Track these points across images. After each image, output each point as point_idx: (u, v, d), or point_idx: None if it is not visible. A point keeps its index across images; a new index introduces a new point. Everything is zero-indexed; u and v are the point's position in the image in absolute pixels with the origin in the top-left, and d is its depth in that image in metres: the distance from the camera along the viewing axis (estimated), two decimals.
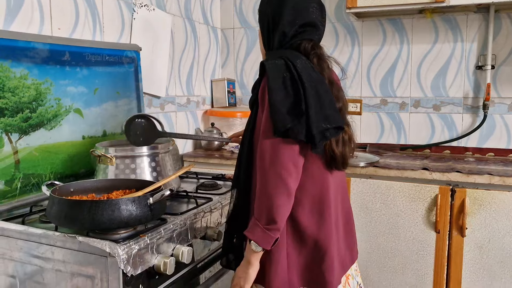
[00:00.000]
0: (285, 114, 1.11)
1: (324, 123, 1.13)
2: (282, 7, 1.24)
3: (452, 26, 2.46)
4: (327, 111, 1.14)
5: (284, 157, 1.12)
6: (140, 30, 2.16)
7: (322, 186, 1.23)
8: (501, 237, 1.93)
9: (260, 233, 1.14)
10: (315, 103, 1.12)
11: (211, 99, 2.93)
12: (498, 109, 2.42)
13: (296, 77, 1.13)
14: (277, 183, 1.12)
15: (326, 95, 1.16)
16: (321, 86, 1.16)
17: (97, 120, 1.84)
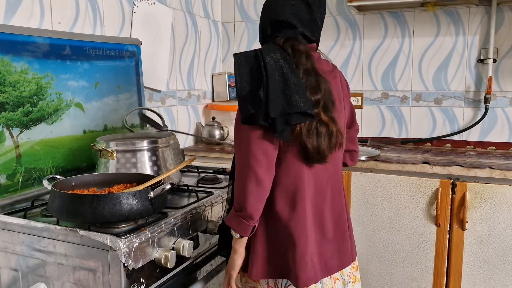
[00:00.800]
0: (246, 101, 1.12)
1: (286, 108, 1.11)
2: (265, 5, 1.29)
3: (454, 19, 2.45)
4: (292, 97, 1.12)
5: (253, 146, 1.13)
6: (140, 24, 2.15)
7: (297, 178, 1.21)
8: (502, 231, 1.93)
9: (234, 220, 1.18)
10: (277, 90, 1.11)
11: (212, 93, 2.93)
12: (499, 103, 2.41)
13: (262, 66, 1.12)
14: (246, 171, 1.14)
15: (295, 83, 1.14)
16: (291, 74, 1.14)
17: (98, 114, 1.84)
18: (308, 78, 1.18)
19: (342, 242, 1.32)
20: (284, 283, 1.24)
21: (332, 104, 1.21)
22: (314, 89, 1.18)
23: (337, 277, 1.31)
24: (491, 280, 1.97)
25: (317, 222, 1.26)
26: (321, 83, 1.19)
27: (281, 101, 1.11)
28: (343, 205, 1.34)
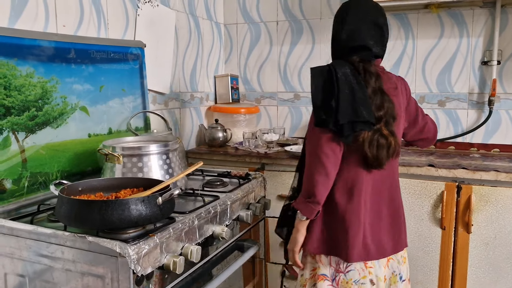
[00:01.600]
0: (320, 109, 1.36)
1: (352, 116, 1.33)
2: (340, 25, 1.45)
3: (458, 21, 2.44)
4: (358, 109, 1.33)
5: (323, 144, 1.36)
6: (144, 27, 2.14)
7: (355, 176, 1.44)
8: (507, 234, 1.93)
9: (302, 204, 1.43)
10: (346, 101, 1.33)
11: (215, 95, 2.92)
12: (504, 105, 2.41)
13: (334, 80, 1.34)
14: (316, 164, 1.38)
15: (361, 97, 1.35)
16: (358, 90, 1.35)
17: (103, 118, 1.83)
18: (375, 97, 1.39)
19: (398, 232, 1.55)
20: (335, 259, 1.49)
21: (393, 119, 1.43)
22: (378, 107, 1.39)
23: (391, 257, 1.55)
24: (496, 283, 1.97)
25: (374, 214, 1.49)
26: (385, 102, 1.41)
27: (349, 111, 1.33)
28: (400, 202, 1.57)
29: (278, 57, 2.87)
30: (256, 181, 1.89)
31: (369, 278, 1.48)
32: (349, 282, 1.47)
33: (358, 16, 1.43)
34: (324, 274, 1.49)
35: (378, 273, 1.50)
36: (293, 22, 2.80)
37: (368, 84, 1.38)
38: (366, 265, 1.48)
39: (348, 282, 1.47)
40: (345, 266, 1.47)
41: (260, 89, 2.94)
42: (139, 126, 2.05)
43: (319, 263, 1.50)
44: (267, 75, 2.91)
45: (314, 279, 1.52)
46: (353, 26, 1.42)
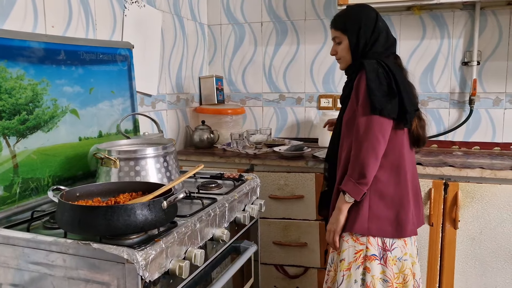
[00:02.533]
0: (381, 97, 1.49)
1: (411, 106, 1.54)
2: (377, 32, 1.63)
3: (439, 23, 2.51)
4: (411, 97, 1.56)
5: (375, 130, 1.50)
6: (131, 27, 2.10)
7: (400, 156, 1.59)
8: (493, 228, 2.00)
9: (352, 186, 1.53)
10: (403, 90, 1.51)
11: (199, 97, 2.90)
12: (483, 104, 2.49)
13: (388, 71, 1.52)
14: (368, 149, 1.50)
15: (409, 86, 1.60)
16: (405, 79, 1.60)
17: (93, 121, 1.79)
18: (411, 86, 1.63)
19: (419, 206, 1.72)
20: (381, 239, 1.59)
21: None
22: (415, 96, 1.65)
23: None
24: (482, 277, 2.03)
25: (414, 192, 1.66)
26: (415, 89, 1.66)
27: (411, 100, 1.54)
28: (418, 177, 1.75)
29: (263, 58, 2.87)
30: (250, 182, 1.88)
31: (408, 254, 1.62)
32: (394, 259, 1.59)
33: (383, 22, 1.66)
34: (374, 254, 1.58)
35: (412, 251, 1.65)
36: (278, 23, 2.81)
37: (405, 74, 1.63)
38: (406, 242, 1.61)
39: (393, 259, 1.59)
40: (391, 244, 1.59)
41: (245, 90, 2.94)
42: (128, 129, 2.01)
43: (367, 244, 1.59)
44: (252, 76, 2.91)
45: (360, 261, 1.60)
46: (386, 32, 1.65)
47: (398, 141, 1.59)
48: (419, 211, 1.71)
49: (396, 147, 1.58)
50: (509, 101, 2.46)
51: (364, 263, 1.59)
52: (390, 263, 1.58)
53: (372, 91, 1.50)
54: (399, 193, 1.59)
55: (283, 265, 2.35)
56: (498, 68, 2.45)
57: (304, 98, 2.82)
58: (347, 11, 1.71)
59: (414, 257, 1.66)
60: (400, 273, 1.60)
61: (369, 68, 1.52)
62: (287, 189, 2.28)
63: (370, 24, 1.62)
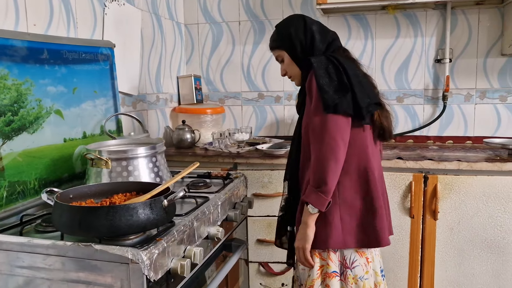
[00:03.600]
0: (333, 93, 1.36)
1: (367, 99, 1.40)
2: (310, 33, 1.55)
3: (412, 22, 2.60)
4: (367, 90, 1.43)
5: (332, 130, 1.35)
6: (112, 26, 2.06)
7: (365, 158, 1.45)
8: (470, 218, 2.09)
9: (314, 195, 1.38)
10: (357, 84, 1.39)
11: (178, 96, 2.87)
12: (455, 100, 2.60)
13: (338, 66, 1.41)
14: (326, 152, 1.35)
15: (365, 79, 1.47)
16: (359, 71, 1.49)
17: (77, 121, 1.74)
18: (367, 77, 1.52)
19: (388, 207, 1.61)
20: (342, 255, 1.48)
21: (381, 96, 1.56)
22: (373, 86, 1.53)
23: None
24: (461, 265, 2.12)
25: (383, 195, 1.54)
26: (373, 81, 1.54)
27: (363, 94, 1.39)
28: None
29: (241, 57, 2.88)
30: (239, 180, 1.89)
31: (370, 272, 1.50)
32: (355, 278, 1.47)
33: (318, 24, 1.60)
34: (335, 271, 1.47)
35: (376, 267, 1.53)
36: (256, 22, 2.82)
37: (359, 67, 1.53)
38: (368, 260, 1.49)
39: (354, 278, 1.47)
40: (351, 262, 1.47)
41: (224, 89, 2.94)
42: (112, 129, 1.97)
43: (327, 260, 1.47)
44: (230, 75, 2.91)
45: (322, 278, 1.49)
46: (320, 29, 1.58)
47: (361, 141, 1.45)
48: (389, 216, 1.59)
49: (360, 148, 1.45)
50: (479, 97, 2.57)
51: (325, 280, 1.48)
52: (349, 281, 1.48)
53: (322, 88, 1.37)
54: (370, 199, 1.45)
55: (268, 262, 2.36)
56: (468, 65, 2.56)
57: (283, 96, 2.85)
58: (276, 29, 1.66)
59: (378, 274, 1.55)
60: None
61: (317, 64, 1.42)
62: (271, 187, 2.30)
63: (299, 28, 1.56)
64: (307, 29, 1.55)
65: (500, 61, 2.52)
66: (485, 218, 2.07)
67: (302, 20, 1.58)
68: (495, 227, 2.06)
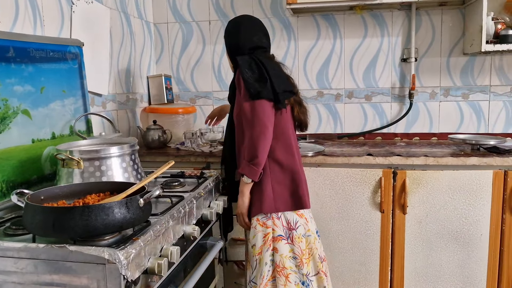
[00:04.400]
0: (255, 83, 1.66)
1: (282, 87, 1.71)
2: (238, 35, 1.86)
3: (379, 22, 2.67)
4: (283, 81, 1.74)
5: (259, 113, 1.65)
6: (80, 24, 2.02)
7: (288, 137, 1.78)
8: (437, 211, 2.16)
9: (247, 168, 1.68)
10: (274, 76, 1.69)
11: (148, 96, 2.84)
12: (421, 97, 2.68)
13: (259, 63, 1.70)
14: (257, 131, 1.65)
15: (282, 74, 1.78)
16: (278, 68, 1.79)
17: (45, 122, 1.70)
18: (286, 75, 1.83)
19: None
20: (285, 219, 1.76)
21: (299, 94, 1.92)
22: (289, 80, 1.85)
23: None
24: (429, 257, 2.19)
25: (301, 169, 1.84)
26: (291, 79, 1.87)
27: (279, 84, 1.69)
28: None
29: (212, 56, 2.87)
30: (213, 179, 1.89)
31: (311, 230, 1.79)
32: (300, 236, 1.74)
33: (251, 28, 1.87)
34: (280, 234, 1.73)
35: (312, 227, 1.81)
36: (226, 21, 2.82)
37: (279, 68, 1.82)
38: (307, 220, 1.78)
39: (299, 237, 1.74)
40: (295, 223, 1.75)
41: (195, 88, 2.93)
42: (81, 130, 1.93)
43: (273, 226, 1.73)
44: (201, 74, 2.90)
45: (269, 243, 1.73)
46: (249, 34, 1.84)
47: (284, 123, 1.77)
48: (307, 185, 1.88)
49: (284, 129, 1.76)
50: (443, 94, 2.67)
51: (272, 244, 1.73)
52: (296, 241, 1.73)
53: (246, 80, 1.66)
54: (294, 170, 1.77)
55: (243, 261, 2.37)
56: (433, 64, 2.65)
57: None
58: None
59: (314, 233, 1.82)
60: (307, 248, 1.77)
61: (242, 62, 1.71)
62: None
63: (230, 31, 1.89)
64: (235, 32, 1.85)
65: (462, 60, 2.62)
66: (451, 211, 2.15)
67: (234, 24, 1.89)
68: (461, 219, 2.15)
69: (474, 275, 2.17)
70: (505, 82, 2.60)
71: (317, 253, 1.80)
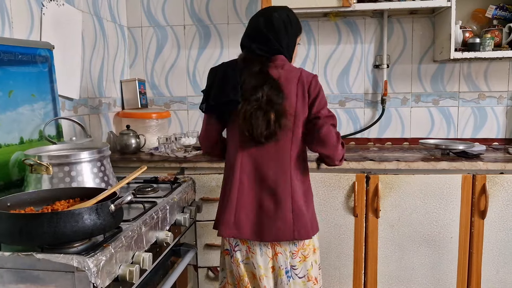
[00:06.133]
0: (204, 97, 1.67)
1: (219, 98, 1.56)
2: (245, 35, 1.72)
3: (352, 29, 2.71)
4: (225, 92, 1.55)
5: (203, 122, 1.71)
6: (50, 27, 1.98)
7: (235, 152, 1.61)
8: (408, 215, 2.20)
9: None
10: (216, 88, 1.58)
11: (122, 101, 2.80)
12: (393, 103, 2.74)
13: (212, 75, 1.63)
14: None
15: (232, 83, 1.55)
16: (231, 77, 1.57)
17: (13, 126, 1.65)
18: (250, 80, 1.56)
19: (282, 221, 1.58)
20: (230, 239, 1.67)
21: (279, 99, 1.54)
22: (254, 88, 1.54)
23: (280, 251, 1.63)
24: (402, 260, 2.23)
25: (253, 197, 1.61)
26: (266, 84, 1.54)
27: (217, 95, 1.57)
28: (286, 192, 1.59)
29: (187, 61, 2.86)
30: (187, 184, 1.87)
31: (251, 261, 1.62)
32: (238, 261, 1.63)
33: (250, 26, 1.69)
34: (227, 249, 1.67)
35: (261, 262, 1.60)
36: (201, 26, 2.82)
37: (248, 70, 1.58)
38: (250, 249, 1.62)
39: (236, 260, 1.63)
40: (234, 245, 1.63)
41: (169, 93, 2.90)
42: (51, 134, 1.88)
43: (223, 239, 1.68)
44: (175, 79, 2.88)
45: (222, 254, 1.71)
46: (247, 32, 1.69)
47: (234, 138, 1.62)
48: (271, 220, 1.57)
49: (231, 144, 1.64)
50: (415, 100, 2.73)
51: (223, 254, 1.71)
52: (235, 263, 1.63)
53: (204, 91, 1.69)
54: (224, 191, 1.65)
55: (217, 267, 2.35)
56: (404, 71, 2.71)
57: None
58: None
59: (262, 269, 1.60)
60: (243, 276, 1.62)
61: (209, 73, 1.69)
62: (218, 191, 2.27)
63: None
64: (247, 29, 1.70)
65: (432, 67, 2.69)
66: (423, 215, 2.19)
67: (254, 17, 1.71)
68: (432, 223, 2.19)
69: (445, 277, 2.22)
70: (473, 89, 2.68)
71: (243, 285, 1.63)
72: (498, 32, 2.46)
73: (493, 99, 2.67)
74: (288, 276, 1.60)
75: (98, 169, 1.47)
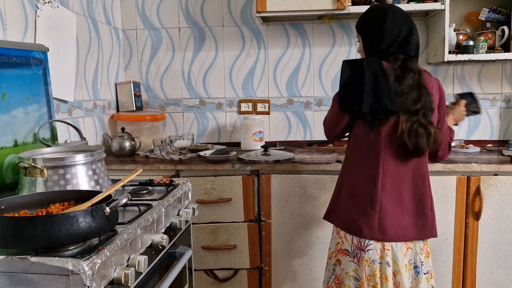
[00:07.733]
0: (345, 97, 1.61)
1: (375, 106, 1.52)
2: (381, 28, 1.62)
3: (347, 32, 2.72)
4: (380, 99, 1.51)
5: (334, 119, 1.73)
6: (44, 29, 1.97)
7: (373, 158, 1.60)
8: None
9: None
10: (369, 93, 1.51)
11: (117, 103, 2.79)
12: None
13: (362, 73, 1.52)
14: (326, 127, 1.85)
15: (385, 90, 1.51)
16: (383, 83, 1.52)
17: (7, 129, 1.64)
18: (411, 91, 1.54)
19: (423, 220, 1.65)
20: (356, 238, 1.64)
21: (431, 111, 1.58)
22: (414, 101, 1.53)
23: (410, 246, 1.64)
24: None
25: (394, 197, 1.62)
26: (423, 95, 1.55)
27: (370, 102, 1.50)
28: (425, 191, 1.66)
29: (182, 63, 2.86)
30: (182, 186, 1.86)
31: (386, 259, 1.58)
32: (368, 260, 1.57)
33: (398, 22, 1.61)
34: (346, 249, 1.63)
35: (396, 257, 1.59)
36: (196, 29, 2.82)
37: (404, 79, 1.54)
38: (384, 247, 1.57)
39: (367, 260, 1.57)
40: (366, 245, 1.58)
41: (164, 96, 2.90)
42: (46, 137, 1.87)
43: (343, 239, 1.65)
44: (170, 81, 2.88)
45: (336, 253, 1.69)
46: (395, 31, 1.60)
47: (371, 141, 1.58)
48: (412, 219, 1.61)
49: (369, 147, 1.58)
50: None
51: (338, 255, 1.67)
52: (363, 263, 1.58)
53: (342, 87, 1.60)
54: (363, 194, 1.59)
55: (213, 269, 2.35)
56: None
57: (225, 103, 2.86)
58: (364, 12, 1.72)
59: (398, 265, 1.59)
60: (373, 276, 1.58)
61: (345, 65, 1.59)
62: (214, 193, 2.29)
63: (376, 23, 1.62)
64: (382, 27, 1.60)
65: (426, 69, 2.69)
66: None
67: (383, 14, 1.62)
68: None
69: (440, 278, 2.22)
70: (466, 91, 2.69)
71: (385, 286, 1.59)
72: (491, 35, 2.48)
73: (487, 101, 2.69)
74: (417, 271, 1.63)
75: (93, 171, 1.46)
